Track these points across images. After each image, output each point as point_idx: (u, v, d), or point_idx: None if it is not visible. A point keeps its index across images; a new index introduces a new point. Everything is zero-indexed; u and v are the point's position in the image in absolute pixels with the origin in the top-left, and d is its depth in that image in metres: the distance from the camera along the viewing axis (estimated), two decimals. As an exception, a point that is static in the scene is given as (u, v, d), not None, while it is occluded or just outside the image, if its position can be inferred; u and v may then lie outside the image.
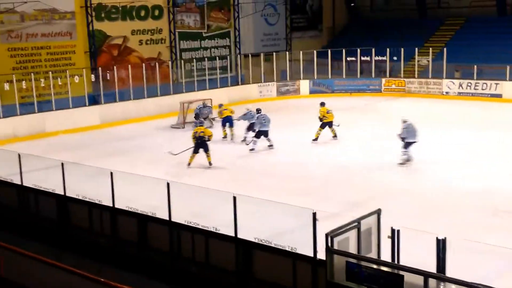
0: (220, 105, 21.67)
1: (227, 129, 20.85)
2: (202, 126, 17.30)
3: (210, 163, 16.86)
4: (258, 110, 19.43)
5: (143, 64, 27.56)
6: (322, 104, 19.95)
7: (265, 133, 18.90)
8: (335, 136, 19.74)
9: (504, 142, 18.93)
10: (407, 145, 16.31)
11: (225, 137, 20.85)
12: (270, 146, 19.06)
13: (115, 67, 25.89)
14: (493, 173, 15.48)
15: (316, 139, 19.52)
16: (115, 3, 27.78)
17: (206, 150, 16.89)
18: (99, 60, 27.57)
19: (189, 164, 16.92)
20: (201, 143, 16.84)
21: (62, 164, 12.76)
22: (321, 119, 19.58)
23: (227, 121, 20.74)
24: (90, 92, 25.73)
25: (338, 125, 19.50)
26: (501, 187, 14.21)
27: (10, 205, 14.36)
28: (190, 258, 10.84)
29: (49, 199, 13.21)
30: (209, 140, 16.84)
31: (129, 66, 26.69)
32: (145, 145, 20.68)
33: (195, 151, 16.96)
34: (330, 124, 19.64)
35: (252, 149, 18.78)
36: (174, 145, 20.60)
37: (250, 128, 19.82)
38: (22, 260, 9.67)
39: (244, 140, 19.90)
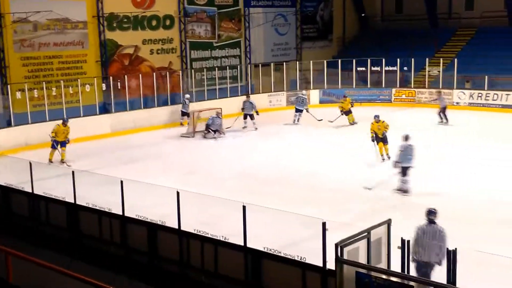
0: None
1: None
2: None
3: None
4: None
5: (154, 73, 27.70)
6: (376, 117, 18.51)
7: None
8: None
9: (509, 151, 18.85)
10: (403, 170, 14.61)
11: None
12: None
13: (126, 76, 26.03)
14: (503, 184, 15.38)
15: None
16: (126, 13, 27.96)
17: None
18: (110, 69, 27.73)
19: None
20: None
21: (73, 172, 12.83)
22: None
23: None
24: (101, 101, 25.88)
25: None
26: (509, 197, 14.12)
27: (21, 213, 14.43)
28: (199, 267, 10.83)
29: (59, 207, 13.27)
30: None
31: (140, 75, 26.84)
32: (155, 154, 20.74)
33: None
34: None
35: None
36: (184, 154, 20.70)
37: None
38: (32, 268, 9.69)
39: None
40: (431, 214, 9.23)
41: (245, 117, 25.08)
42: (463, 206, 13.72)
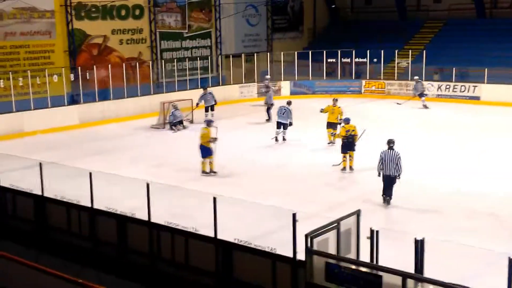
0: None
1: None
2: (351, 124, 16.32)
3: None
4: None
5: (124, 64, 27.38)
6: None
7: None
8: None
9: (480, 145, 19.17)
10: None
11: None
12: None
13: (94, 66, 25.67)
14: (469, 175, 15.64)
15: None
16: (95, 2, 27.56)
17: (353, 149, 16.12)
18: (79, 59, 27.34)
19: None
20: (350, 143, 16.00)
21: (40, 164, 12.63)
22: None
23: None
24: (69, 92, 25.52)
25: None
26: (478, 189, 14.37)
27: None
28: (170, 259, 10.79)
29: (26, 199, 13.06)
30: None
31: (109, 65, 26.49)
32: (125, 145, 20.55)
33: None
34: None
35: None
36: (154, 146, 20.54)
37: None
38: (-1, 262, 9.54)
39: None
40: (390, 142, 13.06)
41: (207, 110, 24.61)
42: (430, 196, 13.91)
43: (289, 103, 20.47)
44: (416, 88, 27.31)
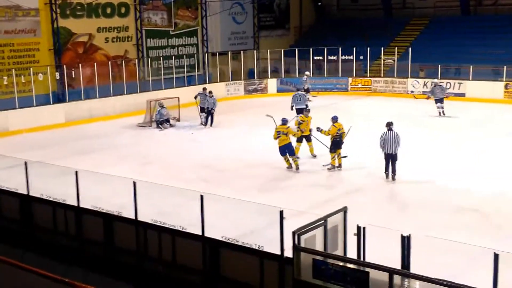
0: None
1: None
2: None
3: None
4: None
5: (109, 62, 27.25)
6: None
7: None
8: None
9: (465, 141, 19.30)
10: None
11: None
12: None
13: (80, 65, 25.53)
14: (455, 171, 15.75)
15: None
16: (80, 0, 27.38)
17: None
18: (64, 57, 27.16)
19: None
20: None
21: (26, 163, 12.53)
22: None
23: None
24: (55, 90, 25.36)
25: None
26: (464, 185, 14.47)
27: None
28: (157, 258, 10.75)
29: (12, 198, 12.95)
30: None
31: (95, 64, 26.35)
32: (111, 144, 20.45)
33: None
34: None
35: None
36: (141, 144, 20.46)
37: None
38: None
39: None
40: (390, 124, 14.86)
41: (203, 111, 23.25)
42: (417, 193, 13.99)
43: (306, 90, 23.79)
44: (433, 92, 24.36)
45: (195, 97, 23.92)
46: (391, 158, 14.79)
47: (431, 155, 17.66)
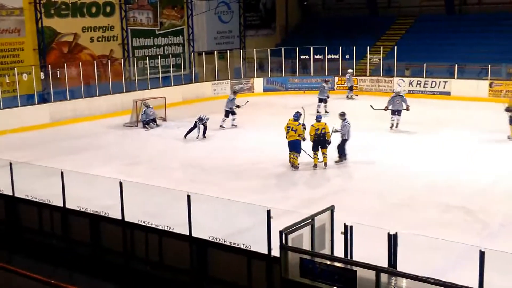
0: None
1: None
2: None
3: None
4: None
5: (95, 62, 27.10)
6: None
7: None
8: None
9: (451, 139, 19.43)
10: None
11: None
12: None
13: (65, 64, 25.36)
14: (443, 169, 15.84)
15: None
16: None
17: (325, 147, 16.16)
18: (49, 57, 26.96)
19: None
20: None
21: (11, 163, 12.43)
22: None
23: None
24: (40, 90, 25.15)
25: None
26: (451, 183, 14.56)
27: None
28: (144, 258, 10.72)
29: (-3, 200, 12.85)
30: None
31: (80, 63, 26.19)
32: (97, 144, 20.34)
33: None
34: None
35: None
36: (127, 144, 20.37)
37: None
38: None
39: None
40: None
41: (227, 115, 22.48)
42: (403, 191, 14.06)
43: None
44: (392, 102, 21.30)
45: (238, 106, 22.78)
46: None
47: (416, 153, 17.76)
